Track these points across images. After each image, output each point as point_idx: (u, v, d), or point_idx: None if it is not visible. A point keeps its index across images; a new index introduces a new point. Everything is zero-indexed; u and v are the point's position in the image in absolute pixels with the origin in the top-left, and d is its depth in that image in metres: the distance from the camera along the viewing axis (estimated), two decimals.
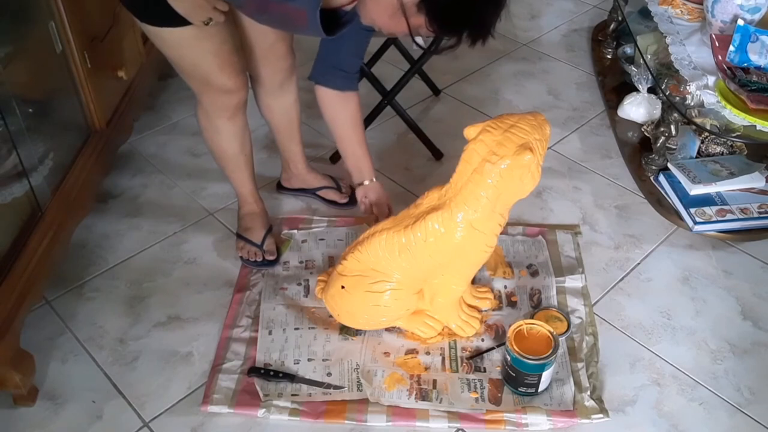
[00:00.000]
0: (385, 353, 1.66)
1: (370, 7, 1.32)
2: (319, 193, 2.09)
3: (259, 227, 1.90)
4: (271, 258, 1.87)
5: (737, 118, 1.82)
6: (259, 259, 1.87)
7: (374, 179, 1.82)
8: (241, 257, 1.89)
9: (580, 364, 1.63)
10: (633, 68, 2.29)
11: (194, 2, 1.39)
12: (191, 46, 1.51)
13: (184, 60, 1.56)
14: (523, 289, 1.82)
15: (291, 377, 1.60)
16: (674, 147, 2.11)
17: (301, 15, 1.38)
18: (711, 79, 1.92)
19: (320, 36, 1.44)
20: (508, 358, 1.54)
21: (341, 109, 1.74)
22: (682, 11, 2.20)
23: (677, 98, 1.93)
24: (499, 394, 1.57)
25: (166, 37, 1.49)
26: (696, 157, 2.09)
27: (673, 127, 2.02)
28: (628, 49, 2.50)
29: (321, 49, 1.68)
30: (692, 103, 1.90)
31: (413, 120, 2.26)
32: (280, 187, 2.13)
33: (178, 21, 1.42)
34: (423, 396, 1.57)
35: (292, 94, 1.90)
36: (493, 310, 1.76)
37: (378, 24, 1.33)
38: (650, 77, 2.18)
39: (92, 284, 1.85)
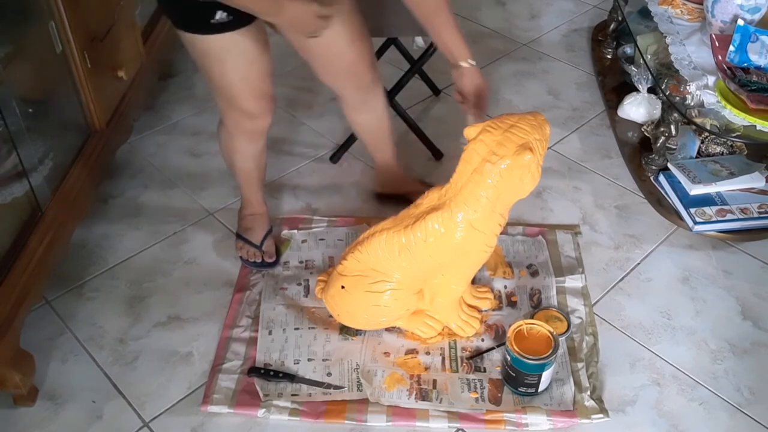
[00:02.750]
0: (385, 353, 1.66)
1: None
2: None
3: (260, 228, 1.90)
4: (270, 260, 1.87)
5: (737, 118, 1.82)
6: (258, 260, 1.87)
7: (469, 61, 1.61)
8: (241, 257, 1.89)
9: (580, 364, 1.63)
10: (633, 68, 2.29)
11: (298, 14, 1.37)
12: (219, 57, 1.51)
13: (213, 70, 1.54)
14: (523, 289, 1.82)
15: (291, 377, 1.60)
16: (674, 147, 2.10)
17: None
18: (711, 79, 1.92)
19: None
20: (508, 358, 1.54)
21: None
22: (682, 11, 2.20)
23: (677, 98, 1.93)
24: (499, 394, 1.57)
25: (197, 45, 1.50)
26: (696, 157, 2.09)
27: (673, 127, 2.02)
28: (628, 49, 2.49)
29: None
30: (692, 103, 1.90)
31: (413, 120, 2.26)
32: (377, 196, 2.09)
33: (210, 28, 1.43)
34: (423, 396, 1.57)
35: (377, 110, 1.86)
36: (493, 310, 1.76)
37: None
38: (650, 77, 2.17)
39: (92, 284, 1.85)
